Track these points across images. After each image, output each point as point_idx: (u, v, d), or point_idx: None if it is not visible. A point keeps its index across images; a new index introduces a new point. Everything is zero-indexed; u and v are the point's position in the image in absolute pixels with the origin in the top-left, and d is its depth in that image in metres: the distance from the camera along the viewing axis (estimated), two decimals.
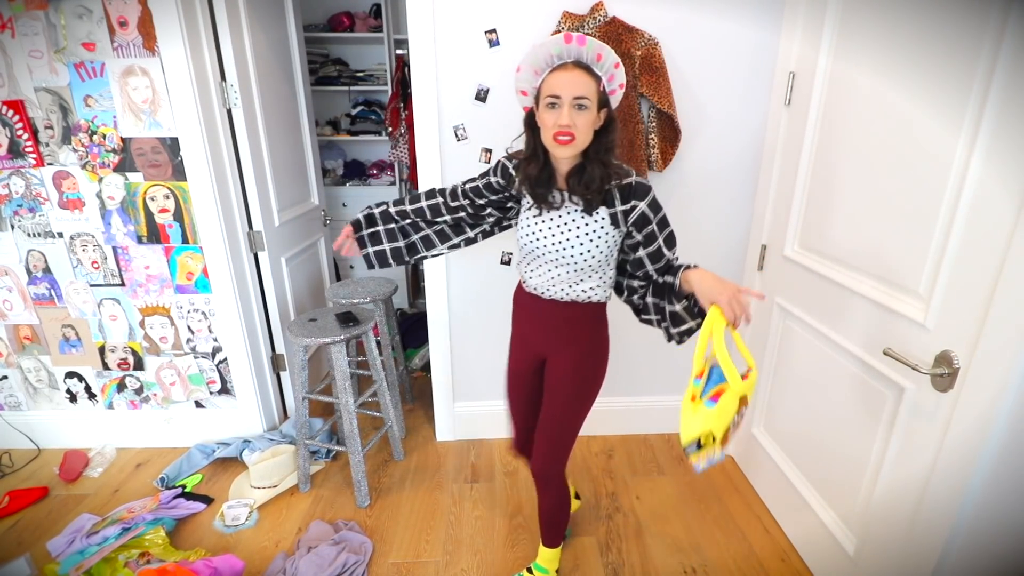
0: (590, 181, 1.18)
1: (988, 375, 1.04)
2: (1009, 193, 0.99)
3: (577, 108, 1.12)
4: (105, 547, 1.71)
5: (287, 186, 2.45)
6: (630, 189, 1.20)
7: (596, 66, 1.16)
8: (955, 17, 1.10)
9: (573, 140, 1.13)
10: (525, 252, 1.34)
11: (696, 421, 1.07)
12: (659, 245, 1.25)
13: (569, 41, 1.12)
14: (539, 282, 1.34)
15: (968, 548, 1.14)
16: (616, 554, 1.77)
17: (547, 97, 1.14)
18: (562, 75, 1.13)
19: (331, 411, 2.57)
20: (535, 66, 1.17)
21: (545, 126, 1.16)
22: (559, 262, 1.28)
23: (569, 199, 1.25)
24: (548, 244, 1.27)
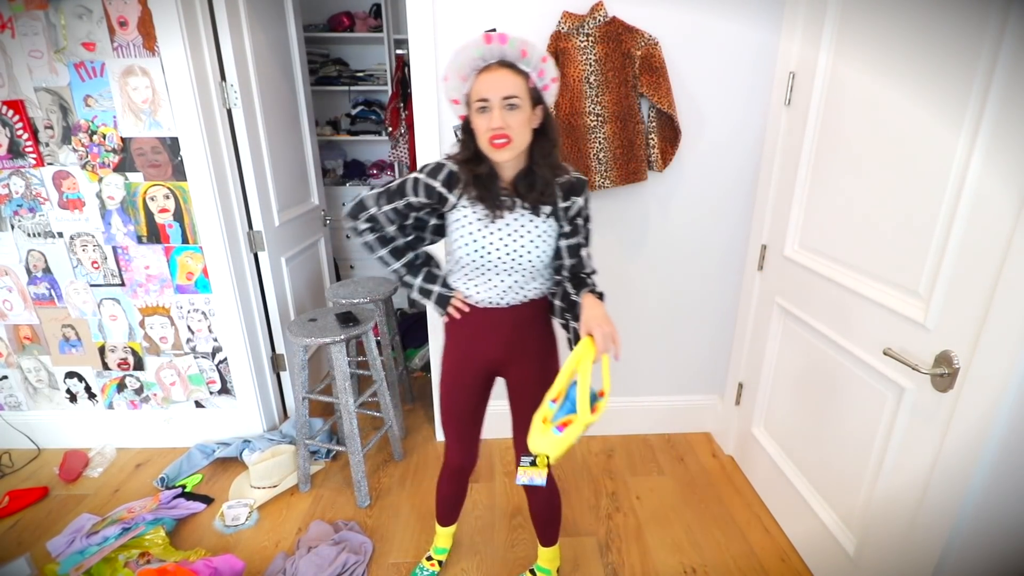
0: (543, 185, 1.16)
1: (988, 375, 1.04)
2: (1009, 193, 0.99)
3: (508, 108, 1.08)
4: (105, 547, 1.71)
5: (287, 186, 2.45)
6: (571, 185, 1.21)
7: (522, 63, 1.11)
8: (955, 17, 1.10)
9: (510, 142, 1.09)
10: (467, 264, 1.26)
11: (540, 441, 1.11)
12: (579, 241, 1.26)
13: (489, 41, 1.08)
14: (491, 294, 1.29)
15: (968, 548, 1.14)
16: (616, 554, 1.77)
17: (477, 102, 1.10)
18: (488, 77, 1.09)
19: (331, 411, 2.57)
20: (460, 72, 1.13)
21: (479, 131, 1.11)
22: (512, 269, 1.24)
23: (522, 204, 1.20)
24: (501, 253, 1.22)
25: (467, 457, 1.51)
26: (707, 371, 2.30)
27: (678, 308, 2.20)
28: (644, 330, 2.23)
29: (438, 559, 1.71)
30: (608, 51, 1.76)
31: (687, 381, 2.32)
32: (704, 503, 1.98)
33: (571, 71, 1.77)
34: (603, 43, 1.76)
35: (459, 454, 1.50)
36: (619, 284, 2.15)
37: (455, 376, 1.42)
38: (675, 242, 2.09)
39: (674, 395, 2.35)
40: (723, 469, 2.16)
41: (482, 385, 1.42)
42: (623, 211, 2.04)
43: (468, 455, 1.51)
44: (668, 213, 2.05)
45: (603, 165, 1.86)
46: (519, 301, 1.30)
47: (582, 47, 1.76)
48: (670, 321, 2.21)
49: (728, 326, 2.21)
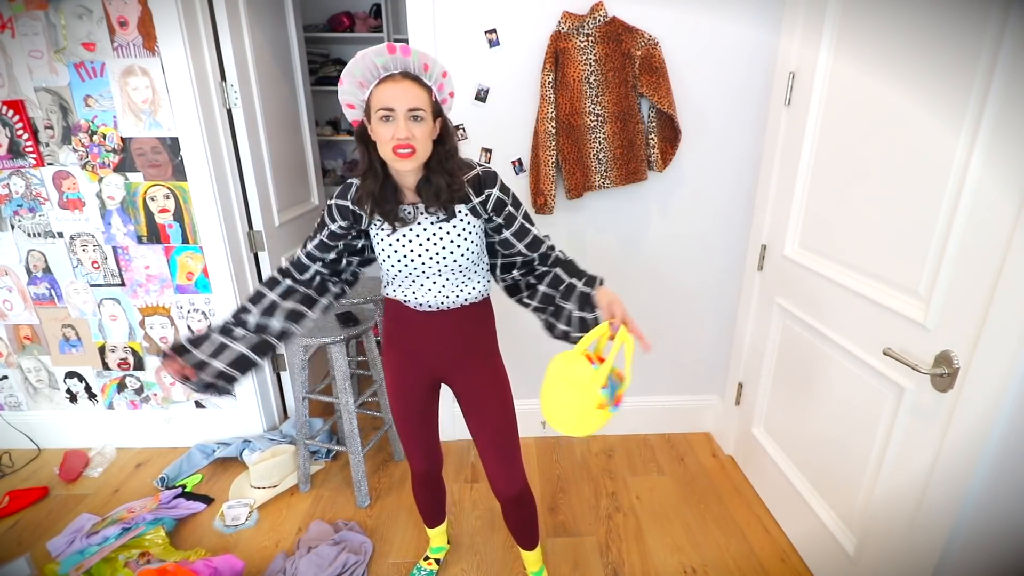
0: (438, 191, 1.16)
1: (988, 375, 1.04)
2: (1009, 193, 0.99)
3: (413, 120, 1.07)
4: (105, 547, 1.71)
5: (287, 186, 2.45)
6: (479, 180, 1.20)
7: (424, 76, 1.10)
8: (955, 17, 1.10)
9: (414, 152, 1.08)
10: (396, 275, 1.26)
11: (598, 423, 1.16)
12: (521, 224, 1.26)
13: (393, 52, 1.06)
14: (427, 298, 1.27)
15: (968, 548, 1.14)
16: (616, 554, 1.77)
17: (380, 110, 1.07)
18: (392, 87, 1.06)
19: (331, 411, 2.57)
20: (359, 78, 1.09)
21: (382, 140, 1.09)
22: (440, 272, 1.24)
23: (425, 210, 1.20)
24: (423, 259, 1.22)
25: (428, 461, 1.49)
26: (707, 371, 2.30)
27: (678, 308, 2.20)
28: (644, 330, 2.21)
29: (435, 557, 1.71)
30: (608, 51, 1.76)
31: (687, 381, 2.32)
32: (704, 503, 1.98)
33: (571, 71, 1.77)
34: (603, 43, 1.76)
35: (420, 459, 1.48)
36: (619, 284, 2.13)
37: (401, 382, 1.38)
38: (675, 242, 2.09)
39: (674, 395, 2.35)
40: (723, 469, 2.16)
41: (428, 389, 1.40)
42: (623, 211, 2.04)
43: (429, 459, 1.49)
44: (668, 213, 2.05)
45: (603, 165, 1.86)
46: (460, 304, 1.28)
47: (582, 47, 1.76)
48: (670, 321, 2.21)
49: (728, 326, 2.21)
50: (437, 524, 1.67)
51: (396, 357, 1.37)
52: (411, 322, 1.31)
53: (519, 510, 1.47)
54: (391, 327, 1.37)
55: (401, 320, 1.33)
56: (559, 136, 1.83)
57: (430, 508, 1.63)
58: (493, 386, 1.36)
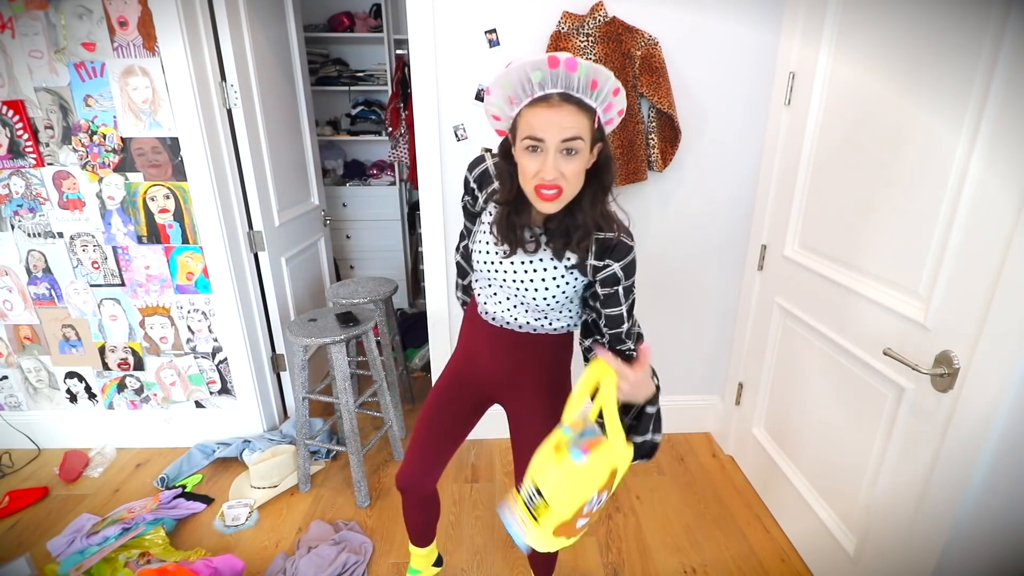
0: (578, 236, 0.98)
1: (988, 375, 1.04)
2: (1009, 193, 0.99)
3: (565, 154, 0.89)
4: (105, 547, 1.71)
5: (287, 186, 2.45)
6: (609, 246, 1.00)
7: (589, 96, 0.89)
8: (955, 17, 1.10)
9: (560, 194, 0.91)
10: (482, 276, 1.14)
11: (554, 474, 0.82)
12: (621, 312, 1.06)
13: (555, 66, 0.85)
14: (497, 311, 1.15)
15: (968, 548, 1.14)
16: (616, 554, 1.77)
17: (527, 139, 0.89)
18: (546, 113, 0.87)
19: (331, 411, 2.57)
20: (509, 93, 0.91)
21: (525, 174, 0.92)
22: (518, 300, 1.11)
23: (546, 244, 1.04)
24: (507, 279, 1.08)
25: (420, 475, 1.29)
26: (707, 371, 2.30)
27: (678, 308, 2.20)
28: (644, 330, 2.22)
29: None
30: (608, 51, 1.76)
31: (687, 381, 2.32)
32: (704, 503, 1.98)
33: None
34: (603, 43, 1.76)
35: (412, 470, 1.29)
36: None
37: (452, 384, 1.29)
38: (675, 242, 2.09)
39: (674, 395, 2.35)
40: (723, 469, 2.16)
41: (472, 402, 1.29)
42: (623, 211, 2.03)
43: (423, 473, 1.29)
44: (668, 213, 2.05)
45: None
46: (531, 331, 1.15)
47: (582, 47, 1.76)
48: (670, 321, 2.21)
49: (728, 326, 2.21)
50: (423, 544, 1.47)
51: (458, 361, 1.29)
52: (480, 330, 1.20)
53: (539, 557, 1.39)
54: (466, 328, 1.28)
55: (474, 324, 1.23)
56: None
57: (414, 525, 1.43)
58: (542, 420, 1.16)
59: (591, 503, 0.81)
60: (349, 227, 3.62)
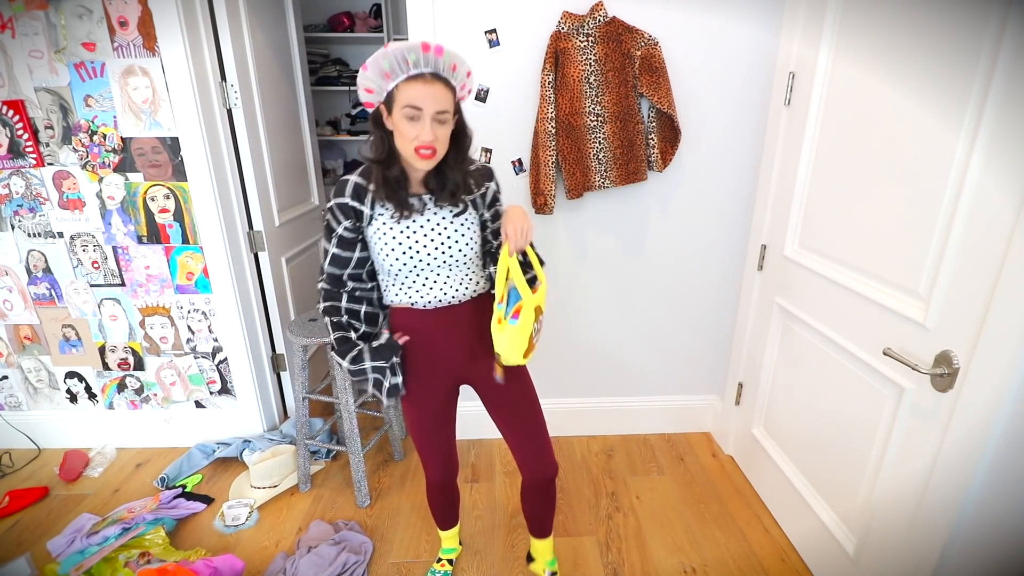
0: (454, 187, 1.20)
1: (988, 375, 1.04)
2: (1009, 193, 0.99)
3: (438, 122, 1.10)
4: (105, 547, 1.71)
5: (287, 186, 2.45)
6: (481, 174, 1.26)
7: (452, 76, 1.12)
8: (955, 17, 1.10)
9: (435, 154, 1.12)
10: (400, 271, 1.24)
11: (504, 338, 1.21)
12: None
13: (427, 50, 1.07)
14: (436, 293, 1.27)
15: (968, 548, 1.14)
16: (616, 554, 1.77)
17: (405, 107, 1.08)
18: (422, 87, 1.07)
19: (331, 411, 2.57)
20: (386, 69, 1.09)
21: (404, 136, 1.11)
22: (446, 263, 1.24)
23: (434, 203, 1.22)
24: (428, 250, 1.22)
25: (446, 468, 1.47)
26: (707, 371, 2.30)
27: (678, 308, 2.20)
28: (644, 330, 2.23)
29: (448, 558, 1.71)
30: (608, 51, 1.76)
31: (687, 381, 2.32)
32: (704, 503, 1.98)
33: (571, 71, 1.77)
34: (603, 43, 1.76)
35: (437, 468, 1.46)
36: (619, 284, 2.15)
37: (419, 390, 1.35)
38: (675, 242, 2.09)
39: (674, 395, 2.35)
40: (723, 469, 2.16)
41: (448, 392, 1.39)
42: (623, 211, 2.04)
43: (447, 466, 1.47)
44: (668, 213, 2.05)
45: (603, 165, 1.86)
46: (470, 296, 1.30)
47: (582, 47, 1.76)
48: (670, 321, 2.21)
49: (728, 326, 2.21)
50: (451, 527, 1.66)
51: (414, 363, 1.33)
52: (425, 323, 1.30)
53: (545, 494, 1.48)
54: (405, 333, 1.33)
55: (415, 325, 1.31)
56: (559, 136, 1.83)
57: (445, 513, 1.62)
58: (516, 376, 1.35)
59: (535, 331, 1.22)
60: None
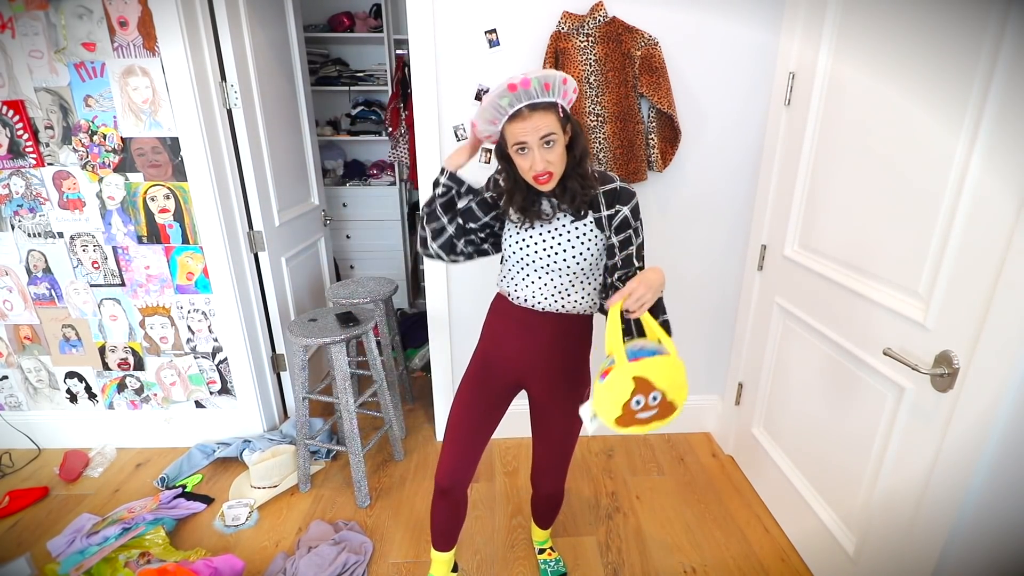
0: (572, 196, 1.21)
1: (988, 375, 1.04)
2: (1009, 193, 0.99)
3: (546, 145, 1.12)
4: (105, 547, 1.71)
5: (287, 186, 2.45)
6: (615, 194, 1.23)
7: (549, 95, 1.12)
8: (955, 17, 1.10)
9: (551, 177, 1.15)
10: (514, 262, 1.30)
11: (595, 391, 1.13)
12: (631, 252, 1.24)
13: (514, 89, 1.09)
14: (531, 291, 1.29)
15: (968, 548, 1.14)
16: (616, 554, 1.77)
17: (515, 145, 1.13)
18: (522, 124, 1.11)
19: (331, 411, 2.57)
20: (490, 118, 1.15)
21: (522, 169, 1.16)
22: (550, 268, 1.26)
23: (559, 207, 1.24)
24: (540, 251, 1.26)
25: (462, 471, 1.38)
26: (707, 371, 2.30)
27: (678, 308, 2.19)
28: None
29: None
30: (608, 51, 1.76)
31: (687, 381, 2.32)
32: (704, 503, 1.98)
33: (571, 71, 1.77)
34: (603, 43, 1.76)
35: (453, 467, 1.37)
36: None
37: (482, 376, 1.38)
38: (675, 242, 2.09)
39: None
40: (723, 469, 2.16)
41: (504, 389, 1.39)
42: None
43: (463, 469, 1.38)
44: (668, 213, 2.05)
45: (603, 165, 1.86)
46: (559, 309, 1.28)
47: (582, 47, 1.76)
48: (670, 321, 2.21)
49: (728, 326, 2.21)
50: (448, 549, 1.52)
51: (486, 348, 1.40)
52: (509, 317, 1.34)
53: (551, 502, 1.58)
54: (491, 319, 1.41)
55: (501, 314, 1.37)
56: None
57: (446, 525, 1.48)
58: (570, 405, 1.34)
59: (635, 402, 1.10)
60: (349, 227, 3.62)
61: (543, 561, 1.72)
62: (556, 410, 1.36)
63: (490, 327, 1.41)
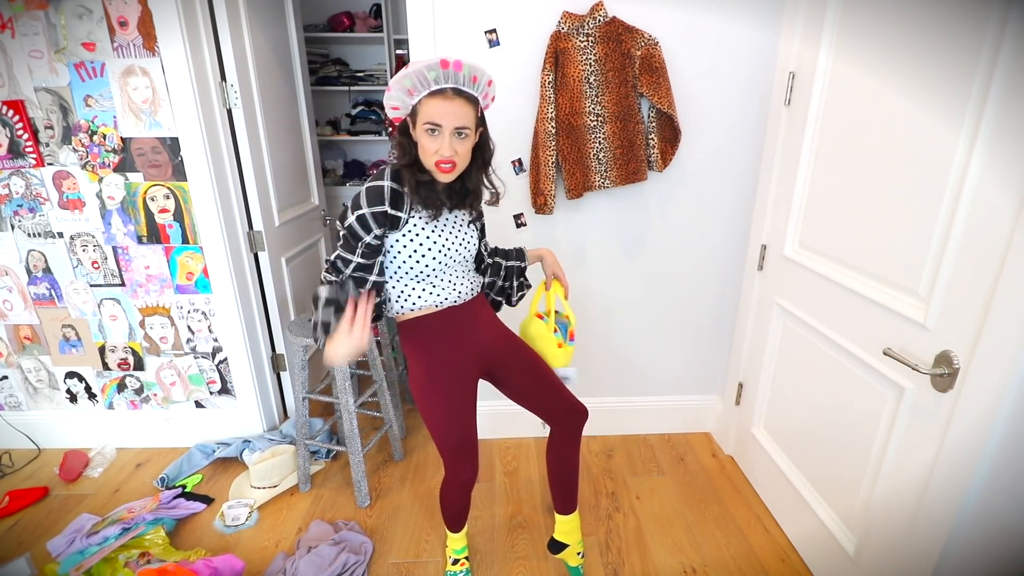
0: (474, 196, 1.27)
1: (988, 375, 1.04)
2: (1009, 193, 0.99)
3: (458, 136, 1.13)
4: (105, 547, 1.71)
5: (287, 186, 2.45)
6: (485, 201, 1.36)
7: (474, 88, 1.14)
8: (955, 17, 1.10)
9: (454, 168, 1.16)
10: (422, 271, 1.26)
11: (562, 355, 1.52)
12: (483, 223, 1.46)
13: (446, 67, 1.09)
14: (451, 293, 1.32)
15: (968, 548, 1.14)
16: (616, 554, 1.77)
17: (427, 124, 1.12)
18: (441, 104, 1.11)
19: (331, 411, 2.57)
20: (408, 87, 1.13)
21: (426, 151, 1.15)
22: (461, 262, 1.33)
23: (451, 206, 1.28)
24: (451, 249, 1.28)
25: (475, 466, 1.46)
26: (707, 371, 2.30)
27: (678, 308, 2.20)
28: (644, 330, 2.23)
29: (463, 556, 1.69)
30: (608, 51, 1.76)
31: (687, 381, 2.32)
32: (704, 503, 1.98)
33: (571, 71, 1.77)
34: (603, 43, 1.76)
35: (469, 468, 1.43)
36: (619, 284, 2.15)
37: (455, 391, 1.36)
38: (675, 242, 2.09)
39: (674, 395, 2.35)
40: (723, 469, 2.16)
41: (473, 388, 1.41)
42: (623, 211, 2.04)
43: (475, 464, 1.46)
44: (668, 213, 2.05)
45: (603, 165, 1.86)
46: (474, 294, 1.39)
47: (582, 47, 1.76)
48: (670, 321, 2.21)
49: (728, 326, 2.21)
50: (462, 528, 1.64)
51: (443, 369, 1.35)
52: (450, 321, 1.34)
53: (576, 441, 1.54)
54: (428, 344, 1.33)
55: (439, 328, 1.33)
56: (559, 136, 1.83)
57: (462, 514, 1.59)
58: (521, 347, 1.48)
59: None
60: None
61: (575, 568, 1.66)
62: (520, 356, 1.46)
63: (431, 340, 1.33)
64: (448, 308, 1.34)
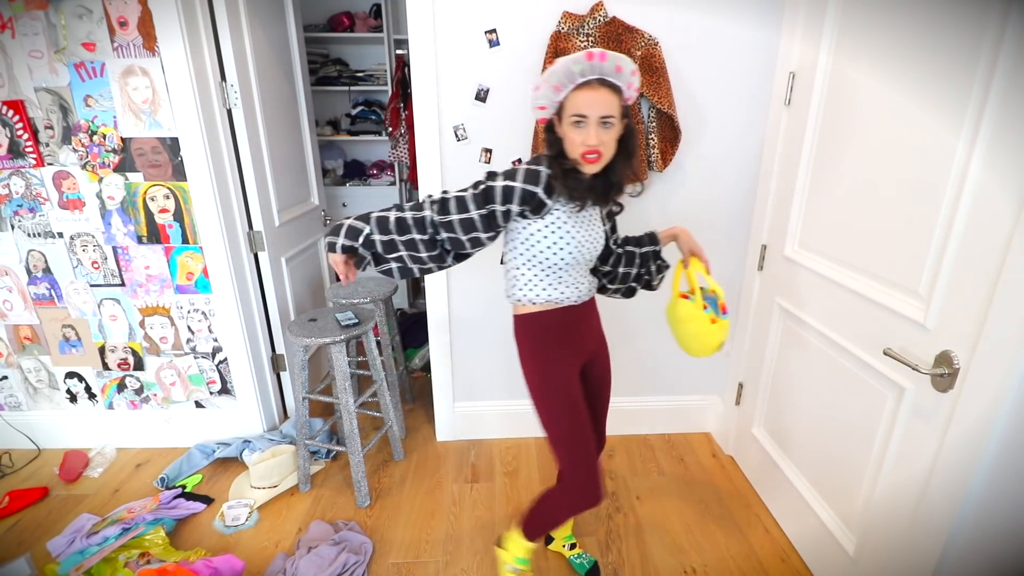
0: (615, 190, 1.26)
1: (988, 375, 1.04)
2: (1009, 193, 0.99)
3: (603, 126, 1.14)
4: (105, 547, 1.71)
5: (287, 186, 2.45)
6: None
7: (617, 79, 1.15)
8: (955, 17, 1.10)
9: (600, 158, 1.17)
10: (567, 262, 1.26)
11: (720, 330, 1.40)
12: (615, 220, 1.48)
13: (591, 59, 1.12)
14: (574, 291, 1.32)
15: (968, 548, 1.14)
16: (616, 554, 1.77)
17: (572, 115, 1.15)
18: (587, 94, 1.13)
19: (331, 411, 2.57)
20: (555, 83, 1.16)
21: (572, 143, 1.17)
22: (589, 260, 1.33)
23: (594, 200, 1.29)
24: (587, 245, 1.28)
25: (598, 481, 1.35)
26: (707, 371, 2.30)
27: None
28: (644, 330, 2.23)
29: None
30: None
31: (687, 381, 2.32)
32: (704, 503, 1.98)
33: None
34: (603, 43, 1.76)
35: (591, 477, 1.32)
36: None
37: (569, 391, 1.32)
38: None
39: (674, 395, 2.35)
40: (723, 469, 2.16)
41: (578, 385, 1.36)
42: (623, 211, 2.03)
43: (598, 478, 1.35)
44: (668, 213, 2.05)
45: None
46: (591, 295, 1.39)
47: (582, 47, 1.76)
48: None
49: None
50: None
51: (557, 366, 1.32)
52: (567, 322, 1.34)
53: None
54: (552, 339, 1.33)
55: (555, 326, 1.33)
56: None
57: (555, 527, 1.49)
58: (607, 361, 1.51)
59: None
60: None
61: (577, 555, 1.70)
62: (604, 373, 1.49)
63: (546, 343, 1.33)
64: (567, 307, 1.33)
